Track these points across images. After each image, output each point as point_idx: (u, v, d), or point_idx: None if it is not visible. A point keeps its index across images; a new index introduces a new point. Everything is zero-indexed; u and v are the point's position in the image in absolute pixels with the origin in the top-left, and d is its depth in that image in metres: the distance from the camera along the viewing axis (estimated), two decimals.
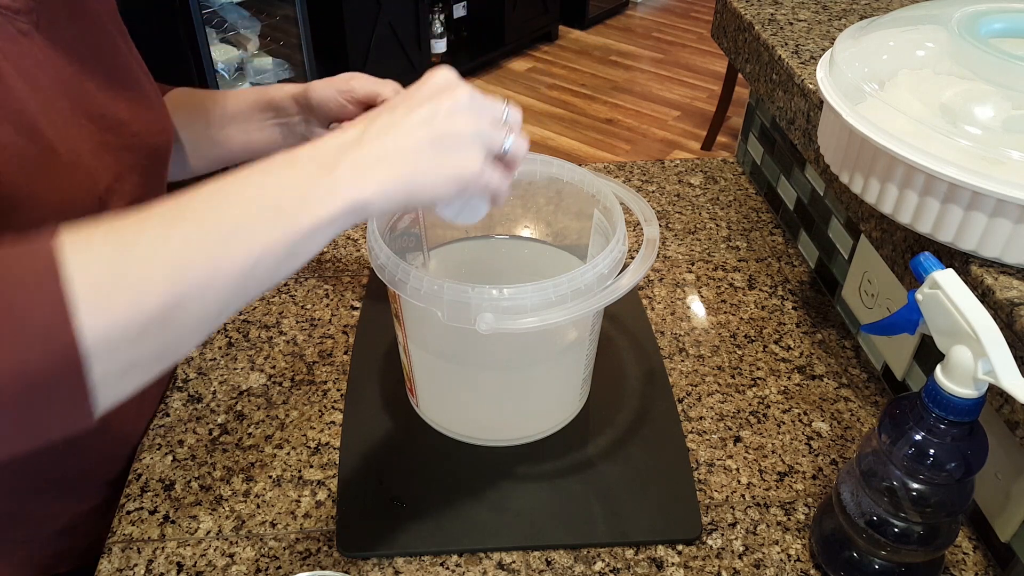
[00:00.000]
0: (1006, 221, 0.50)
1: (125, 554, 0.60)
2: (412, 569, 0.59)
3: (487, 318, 0.52)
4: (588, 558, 0.60)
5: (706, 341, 0.80)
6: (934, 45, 0.58)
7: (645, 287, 0.87)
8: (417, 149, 0.44)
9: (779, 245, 0.93)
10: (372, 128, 0.45)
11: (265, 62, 2.63)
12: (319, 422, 0.71)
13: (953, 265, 0.55)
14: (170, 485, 0.66)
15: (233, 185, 0.41)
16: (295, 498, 0.64)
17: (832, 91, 0.59)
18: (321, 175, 0.42)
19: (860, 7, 0.89)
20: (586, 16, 4.01)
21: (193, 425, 0.71)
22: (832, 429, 0.70)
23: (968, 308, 0.45)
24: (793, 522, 0.62)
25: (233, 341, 0.80)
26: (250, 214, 0.40)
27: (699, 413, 0.72)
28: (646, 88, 3.48)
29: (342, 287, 0.87)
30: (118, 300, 0.36)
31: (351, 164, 0.43)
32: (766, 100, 0.85)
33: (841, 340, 0.80)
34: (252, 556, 0.60)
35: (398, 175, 0.44)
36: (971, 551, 0.60)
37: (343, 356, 0.78)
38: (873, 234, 0.66)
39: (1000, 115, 0.51)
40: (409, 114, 0.45)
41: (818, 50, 0.79)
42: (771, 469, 0.67)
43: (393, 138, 0.44)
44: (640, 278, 0.56)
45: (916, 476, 0.50)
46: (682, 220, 0.98)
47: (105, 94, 0.61)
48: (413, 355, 0.65)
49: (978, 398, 0.46)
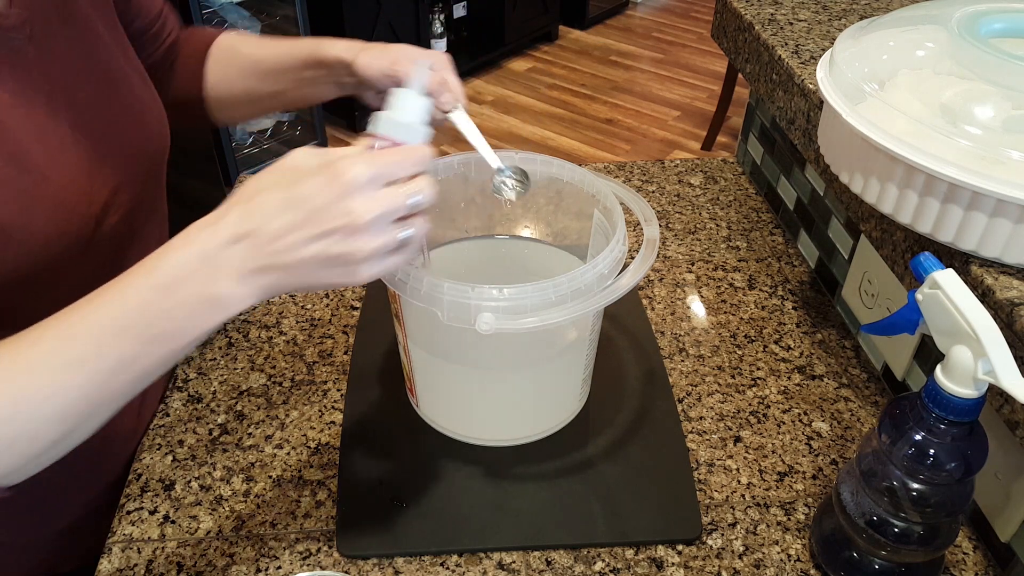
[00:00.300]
0: (1006, 221, 0.50)
1: (125, 554, 0.60)
2: (412, 569, 0.59)
3: (487, 318, 0.52)
4: (588, 558, 0.60)
5: (706, 341, 0.80)
6: (934, 45, 0.58)
7: (645, 287, 0.87)
8: (304, 268, 0.44)
9: (779, 245, 0.93)
10: (260, 241, 0.43)
11: None
12: (319, 422, 0.71)
13: (953, 265, 0.55)
14: (170, 485, 0.66)
15: (85, 316, 0.43)
16: (295, 498, 0.64)
17: (832, 91, 0.59)
18: (200, 292, 0.43)
19: (860, 7, 0.89)
20: (586, 16, 4.01)
21: (193, 425, 0.71)
22: (832, 429, 0.70)
23: (968, 308, 0.45)
24: (793, 522, 0.62)
25: (233, 341, 0.80)
26: (113, 342, 0.43)
27: (699, 413, 0.72)
28: (646, 88, 3.48)
29: (342, 287, 0.87)
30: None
31: (231, 278, 0.43)
32: (766, 100, 0.85)
33: (841, 340, 0.80)
34: (252, 556, 0.60)
35: (276, 288, 0.45)
36: (971, 551, 0.60)
37: (343, 356, 0.78)
38: (873, 234, 0.66)
39: (1000, 115, 0.51)
40: (304, 246, 0.43)
41: (818, 50, 0.79)
42: (771, 469, 0.67)
43: (283, 260, 0.44)
44: (640, 278, 0.56)
45: (916, 476, 0.49)
46: (682, 220, 0.98)
47: (100, 104, 0.60)
48: (413, 355, 0.65)
49: (978, 398, 0.46)
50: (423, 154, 0.47)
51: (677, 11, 4.32)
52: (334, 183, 0.43)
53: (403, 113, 0.50)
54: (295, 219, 0.43)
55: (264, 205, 0.43)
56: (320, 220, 0.43)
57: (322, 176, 0.43)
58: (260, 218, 0.43)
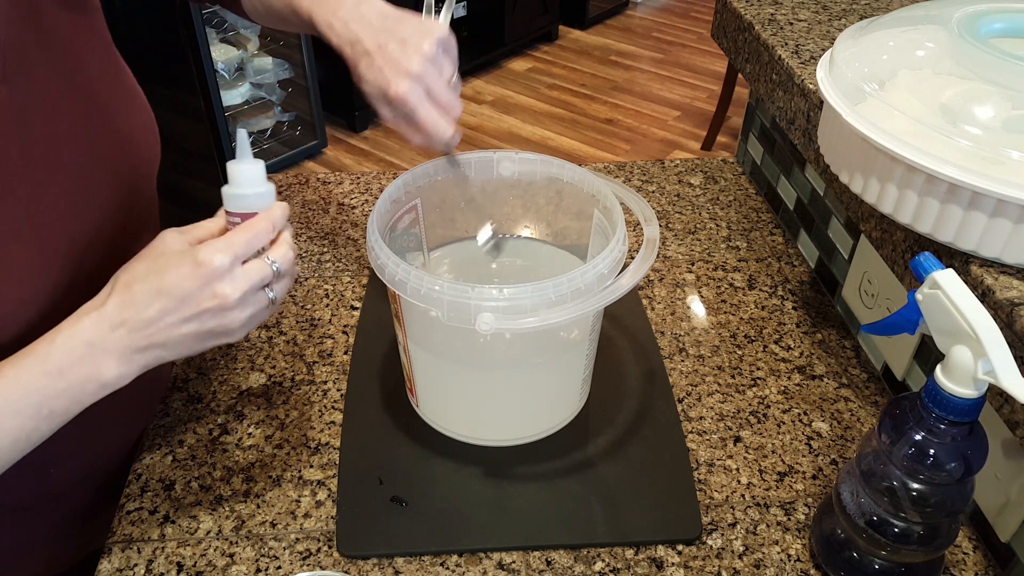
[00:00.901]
0: (1006, 221, 0.50)
1: (125, 554, 0.60)
2: (412, 569, 0.59)
3: (487, 318, 0.52)
4: (588, 558, 0.60)
5: (706, 341, 0.80)
6: (934, 45, 0.58)
7: (645, 287, 0.87)
8: (181, 343, 0.50)
9: (779, 245, 0.93)
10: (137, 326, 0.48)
11: (265, 62, 2.63)
12: (319, 422, 0.71)
13: (953, 265, 0.55)
14: (170, 485, 0.66)
15: None
16: (295, 498, 0.64)
17: (832, 91, 0.59)
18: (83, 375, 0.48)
19: (860, 7, 0.89)
20: (586, 16, 4.01)
21: (193, 425, 0.71)
22: (832, 429, 0.70)
23: (968, 308, 0.45)
24: (793, 522, 0.62)
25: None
26: None
27: (699, 413, 0.72)
28: (646, 88, 3.48)
29: (342, 287, 0.87)
30: None
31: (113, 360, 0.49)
32: (766, 100, 0.85)
33: (841, 340, 0.80)
34: (252, 556, 0.60)
35: (157, 360, 0.50)
36: (971, 551, 0.60)
37: (343, 356, 0.78)
38: (873, 234, 0.66)
39: (1000, 115, 0.51)
40: (179, 326, 0.49)
41: (818, 50, 0.79)
42: (771, 469, 0.67)
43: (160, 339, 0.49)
44: (640, 278, 0.56)
45: (916, 476, 0.49)
46: (682, 220, 0.98)
47: (82, 135, 0.59)
48: (413, 355, 0.65)
49: (978, 398, 0.46)
50: (271, 220, 0.52)
51: (677, 11, 4.32)
52: (198, 271, 0.48)
53: (242, 186, 0.53)
54: (166, 305, 0.48)
55: (137, 296, 0.48)
56: (190, 304, 0.48)
57: (186, 266, 0.48)
58: (134, 308, 0.48)
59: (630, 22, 4.19)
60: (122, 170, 0.63)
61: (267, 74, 2.65)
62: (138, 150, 0.65)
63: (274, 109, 2.74)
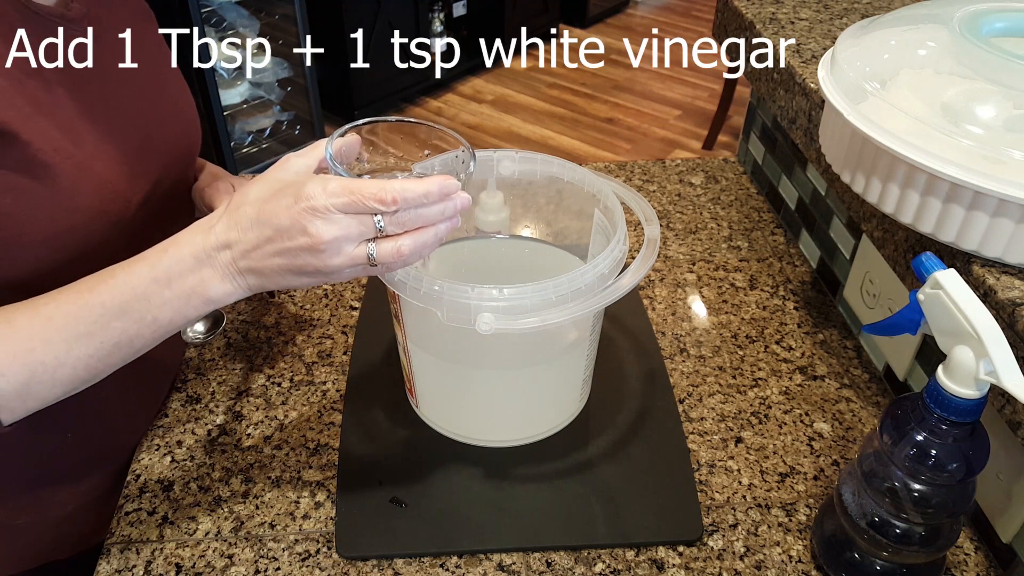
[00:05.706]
0: (1008, 221, 0.49)
1: (124, 555, 0.60)
2: (412, 570, 0.59)
3: (487, 318, 0.52)
4: (589, 559, 0.60)
5: (707, 341, 0.80)
6: (936, 44, 0.58)
7: (646, 287, 0.87)
8: (279, 275, 0.49)
9: (780, 245, 0.93)
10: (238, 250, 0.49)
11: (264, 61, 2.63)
12: (318, 423, 0.71)
13: (955, 265, 0.54)
14: (169, 486, 0.66)
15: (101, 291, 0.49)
16: (294, 499, 0.64)
17: (834, 90, 0.59)
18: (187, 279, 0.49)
19: (861, 6, 0.89)
20: (586, 15, 4.01)
21: (192, 426, 0.71)
22: (833, 430, 0.70)
23: (970, 308, 0.45)
24: (794, 523, 0.62)
25: (232, 342, 0.80)
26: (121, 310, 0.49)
27: (700, 414, 0.72)
28: (647, 87, 3.48)
29: (341, 287, 0.87)
30: None
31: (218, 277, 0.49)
32: (767, 99, 0.84)
33: (843, 340, 0.80)
34: (251, 557, 0.60)
35: (257, 287, 0.50)
36: (972, 552, 0.60)
37: (342, 356, 0.78)
38: (875, 234, 0.66)
39: (1002, 114, 0.51)
40: (271, 258, 0.48)
41: (819, 49, 0.79)
42: (772, 470, 0.66)
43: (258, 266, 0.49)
44: (641, 278, 0.56)
45: (918, 477, 0.49)
46: (683, 220, 0.97)
47: (148, 99, 0.64)
48: (413, 355, 0.65)
49: (980, 398, 0.46)
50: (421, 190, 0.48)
51: (678, 10, 4.32)
52: (296, 205, 0.46)
53: None
54: (262, 234, 0.48)
55: (241, 220, 0.48)
56: (283, 238, 0.47)
57: (288, 197, 0.47)
58: (238, 230, 0.49)
59: (631, 21, 4.19)
60: (177, 138, 0.66)
61: (266, 73, 2.65)
62: (191, 123, 0.69)
63: (273, 108, 2.74)
